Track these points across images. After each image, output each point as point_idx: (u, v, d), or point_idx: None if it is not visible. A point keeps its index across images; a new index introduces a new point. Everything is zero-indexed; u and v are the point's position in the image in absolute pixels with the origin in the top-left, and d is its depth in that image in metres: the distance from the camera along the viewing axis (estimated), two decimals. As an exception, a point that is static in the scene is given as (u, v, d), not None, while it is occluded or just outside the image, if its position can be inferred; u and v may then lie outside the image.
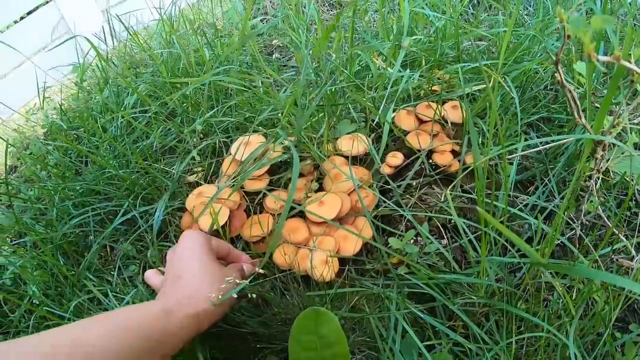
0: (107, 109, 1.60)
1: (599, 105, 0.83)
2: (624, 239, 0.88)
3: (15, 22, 1.91)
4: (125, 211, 1.20)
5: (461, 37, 1.32)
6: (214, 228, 1.01)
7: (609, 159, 0.78)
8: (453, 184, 0.94)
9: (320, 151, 1.04)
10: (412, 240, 0.97)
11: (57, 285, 1.13)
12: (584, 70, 0.85)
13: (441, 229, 0.97)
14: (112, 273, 1.13)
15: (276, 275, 0.98)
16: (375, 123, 1.15)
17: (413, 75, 1.10)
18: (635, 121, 0.76)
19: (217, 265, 0.80)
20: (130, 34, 1.85)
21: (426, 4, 1.32)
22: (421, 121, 1.07)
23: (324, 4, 2.15)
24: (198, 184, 1.26)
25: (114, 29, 2.07)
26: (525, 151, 0.99)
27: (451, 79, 1.18)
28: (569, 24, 0.40)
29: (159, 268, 0.91)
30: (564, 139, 0.75)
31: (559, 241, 0.83)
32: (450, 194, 1.01)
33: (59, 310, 1.04)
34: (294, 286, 0.95)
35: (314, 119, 1.07)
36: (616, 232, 0.86)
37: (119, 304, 1.02)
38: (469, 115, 0.80)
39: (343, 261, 0.95)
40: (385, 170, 1.02)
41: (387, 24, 1.21)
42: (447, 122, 1.05)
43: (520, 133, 1.00)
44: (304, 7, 1.91)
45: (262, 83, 1.09)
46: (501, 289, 0.81)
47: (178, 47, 1.49)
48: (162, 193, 1.23)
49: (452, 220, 0.99)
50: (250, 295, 0.81)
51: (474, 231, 0.92)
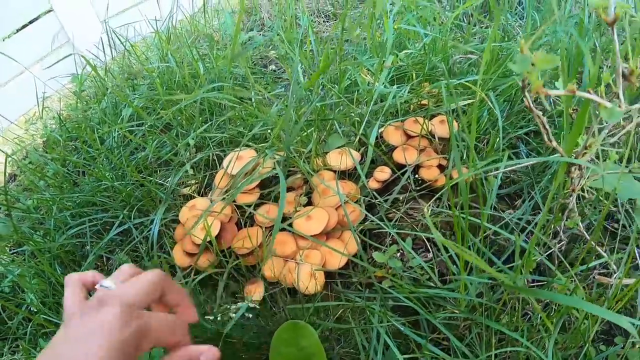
0: (105, 121, 1.63)
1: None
2: (605, 255, 0.90)
3: (17, 31, 1.94)
4: (120, 222, 1.22)
5: (451, 51, 1.34)
6: (207, 239, 1.04)
7: (587, 177, 0.79)
8: (434, 198, 0.96)
9: (309, 166, 1.06)
10: (398, 254, 0.98)
11: (55, 294, 1.15)
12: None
13: (426, 243, 0.99)
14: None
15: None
16: (365, 135, 1.17)
17: (400, 90, 1.12)
18: (611, 141, 0.78)
19: None
20: (126, 48, 1.88)
21: (416, 19, 1.35)
22: (409, 136, 1.09)
23: (319, 16, 2.18)
24: (192, 197, 1.28)
25: (112, 40, 2.10)
26: (510, 167, 1.00)
27: (440, 93, 1.21)
28: (514, 65, 0.42)
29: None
30: (535, 161, 0.77)
31: (538, 259, 0.84)
32: (436, 208, 1.03)
33: (56, 318, 1.05)
34: (282, 298, 0.97)
35: (303, 134, 1.09)
36: (596, 247, 0.87)
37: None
38: (453, 131, 0.82)
39: (330, 274, 0.96)
40: (373, 184, 1.04)
41: (376, 39, 1.23)
42: (435, 137, 1.08)
43: (504, 148, 1.02)
44: (299, 20, 1.94)
45: (253, 99, 1.11)
46: (482, 304, 0.82)
47: (172, 62, 1.52)
48: (157, 205, 1.25)
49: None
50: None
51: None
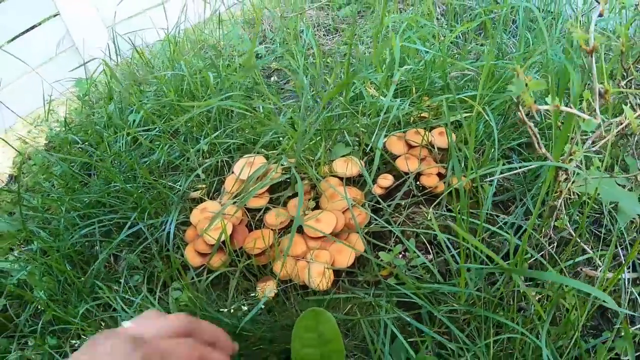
0: (110, 125, 1.68)
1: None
2: (590, 251, 0.99)
3: (22, 33, 1.97)
4: (131, 224, 1.27)
5: (449, 68, 1.43)
6: (222, 239, 1.10)
7: (573, 182, 0.88)
8: (435, 203, 1.04)
9: (317, 172, 1.13)
10: (400, 255, 1.06)
11: (63, 292, 1.18)
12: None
13: (427, 245, 1.07)
14: (120, 281, 1.20)
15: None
16: (369, 147, 1.25)
17: (403, 103, 1.20)
18: (594, 149, 0.88)
19: None
20: (138, 52, 1.94)
21: (417, 37, 1.44)
22: (410, 146, 1.17)
23: (320, 29, 2.27)
24: (201, 200, 1.34)
25: (118, 46, 2.16)
26: (504, 174, 1.09)
27: (439, 106, 1.29)
28: (512, 87, 0.50)
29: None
30: (527, 166, 0.86)
31: (531, 256, 0.92)
32: (435, 212, 1.11)
33: (65, 315, 1.09)
34: (294, 294, 1.03)
35: (311, 142, 1.17)
36: (581, 244, 0.96)
37: (129, 309, 1.08)
38: (452, 142, 0.90)
39: (338, 273, 1.04)
40: (377, 190, 1.12)
41: (380, 55, 1.31)
42: (434, 147, 1.16)
43: (499, 158, 1.10)
44: (302, 32, 2.03)
45: (264, 108, 1.19)
46: (481, 298, 0.90)
47: (184, 69, 1.59)
48: (167, 207, 1.31)
49: (438, 237, 1.09)
50: None
51: (457, 247, 1.02)
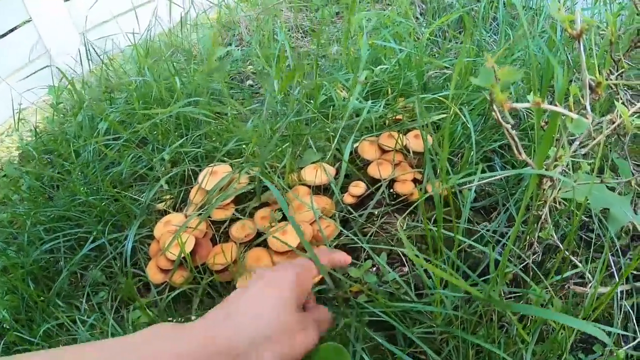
0: (81, 135, 1.60)
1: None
2: (580, 265, 0.91)
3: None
4: (94, 238, 1.19)
5: (426, 67, 1.36)
6: (182, 256, 1.02)
7: (559, 189, 0.81)
8: (408, 211, 0.96)
9: (284, 181, 1.06)
10: (374, 269, 0.98)
11: (28, 310, 1.11)
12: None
13: (402, 257, 0.99)
14: (81, 300, 1.12)
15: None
16: (341, 150, 1.17)
17: (375, 106, 1.13)
18: (583, 152, 0.80)
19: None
20: (103, 62, 1.86)
21: (391, 35, 1.37)
22: (384, 151, 1.10)
23: (297, 31, 2.20)
24: (167, 212, 1.26)
25: (89, 52, 2.08)
26: (483, 180, 1.02)
27: (414, 107, 1.22)
28: (476, 79, 0.43)
29: None
30: (506, 174, 0.78)
31: (513, 271, 0.85)
32: (411, 222, 1.03)
33: (29, 335, 1.02)
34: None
35: (278, 149, 1.09)
36: (570, 257, 0.89)
37: (88, 332, 1.00)
38: (427, 145, 0.82)
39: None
40: (348, 199, 1.04)
41: (351, 56, 1.24)
42: (410, 151, 1.08)
43: (477, 162, 1.03)
44: (276, 35, 1.96)
45: (228, 114, 1.11)
46: (458, 317, 0.82)
47: (149, 75, 1.51)
48: (132, 220, 1.23)
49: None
50: None
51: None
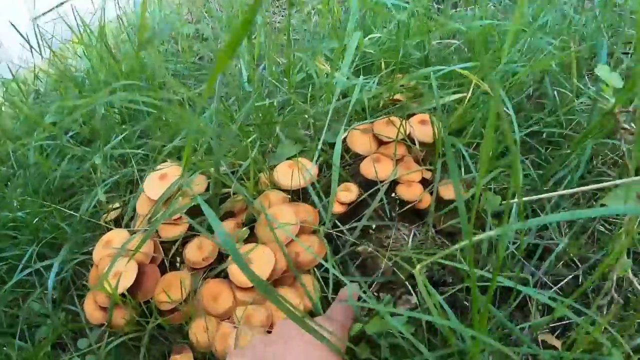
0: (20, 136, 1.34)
1: None
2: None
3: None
4: (25, 264, 0.97)
5: (428, 35, 1.09)
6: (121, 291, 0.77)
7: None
8: (419, 223, 0.70)
9: (250, 185, 0.80)
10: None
11: None
12: (607, 76, 0.63)
13: (409, 286, 0.74)
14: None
15: None
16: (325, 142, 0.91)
17: (369, 82, 0.86)
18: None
19: None
20: (52, 51, 1.58)
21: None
22: (380, 142, 0.84)
23: (275, 5, 1.91)
24: (109, 229, 1.00)
25: (42, 39, 1.80)
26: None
27: (417, 85, 0.96)
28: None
29: None
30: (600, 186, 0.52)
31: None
32: (419, 235, 0.78)
33: None
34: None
35: (243, 143, 0.82)
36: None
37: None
38: (441, 132, 0.56)
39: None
40: (336, 208, 0.78)
41: (336, 16, 0.97)
42: (414, 142, 0.82)
43: (497, 155, 0.77)
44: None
45: (173, 101, 0.84)
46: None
47: (86, 61, 1.23)
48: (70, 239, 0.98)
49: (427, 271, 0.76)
50: None
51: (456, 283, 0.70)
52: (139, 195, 0.96)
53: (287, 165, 0.82)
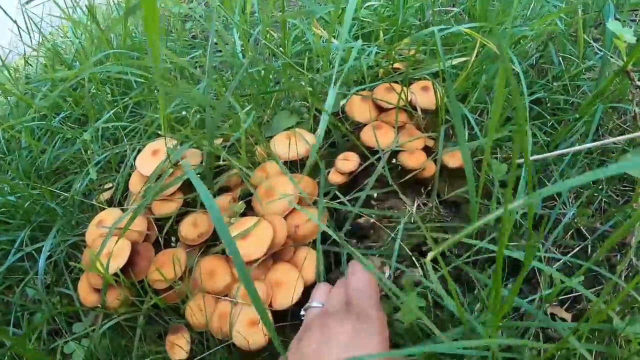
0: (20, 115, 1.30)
1: None
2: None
3: None
4: (18, 248, 0.94)
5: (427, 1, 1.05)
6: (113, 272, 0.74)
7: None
8: (422, 190, 0.67)
9: (244, 157, 0.76)
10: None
11: None
12: (620, 30, 0.59)
13: (412, 256, 0.71)
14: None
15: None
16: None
17: (368, 49, 0.82)
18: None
19: None
20: (42, 34, 1.52)
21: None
22: (381, 109, 0.80)
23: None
24: (102, 208, 0.97)
25: (32, 23, 1.74)
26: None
27: (418, 52, 0.92)
28: None
29: None
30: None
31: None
32: (424, 205, 0.75)
33: None
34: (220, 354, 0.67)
35: (237, 114, 0.79)
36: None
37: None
38: (447, 97, 0.53)
39: (281, 314, 0.67)
40: (335, 178, 0.74)
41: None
42: (416, 109, 0.79)
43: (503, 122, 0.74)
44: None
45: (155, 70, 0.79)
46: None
47: (75, 41, 1.18)
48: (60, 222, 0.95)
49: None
50: None
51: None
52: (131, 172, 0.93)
53: (284, 135, 0.78)
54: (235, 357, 0.70)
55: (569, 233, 0.78)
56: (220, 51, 0.98)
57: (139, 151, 0.91)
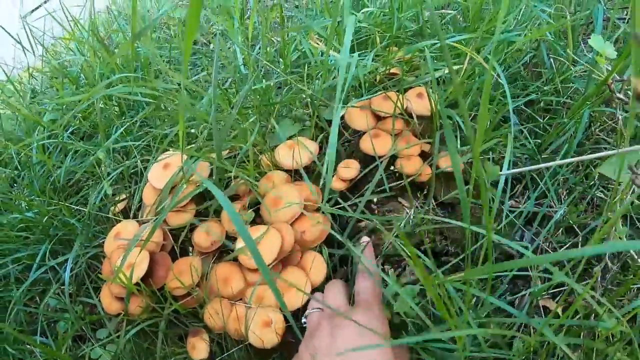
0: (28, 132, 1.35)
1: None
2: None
3: None
4: (40, 263, 0.99)
5: (423, 6, 1.09)
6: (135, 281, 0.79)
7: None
8: (419, 193, 0.71)
9: (250, 167, 0.81)
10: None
11: None
12: (601, 47, 0.63)
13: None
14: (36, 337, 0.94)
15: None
16: (323, 119, 0.91)
17: (364, 58, 0.86)
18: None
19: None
20: (45, 47, 1.57)
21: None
22: (379, 117, 0.84)
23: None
24: (118, 221, 1.02)
25: (33, 37, 1.79)
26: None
27: (413, 58, 0.95)
28: None
29: None
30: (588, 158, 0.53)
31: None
32: (421, 207, 0.79)
33: None
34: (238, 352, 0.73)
35: (242, 126, 0.83)
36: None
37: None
38: (439, 104, 0.57)
39: (292, 314, 0.72)
40: (337, 185, 0.79)
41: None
42: (412, 116, 0.83)
43: (496, 126, 0.78)
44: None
45: (165, 90, 0.84)
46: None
47: (79, 56, 1.23)
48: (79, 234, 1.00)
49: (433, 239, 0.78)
50: None
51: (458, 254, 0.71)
52: (144, 185, 0.98)
53: (288, 145, 0.83)
54: (251, 356, 0.75)
55: (560, 230, 0.82)
56: (223, 65, 1.02)
57: (151, 164, 0.96)
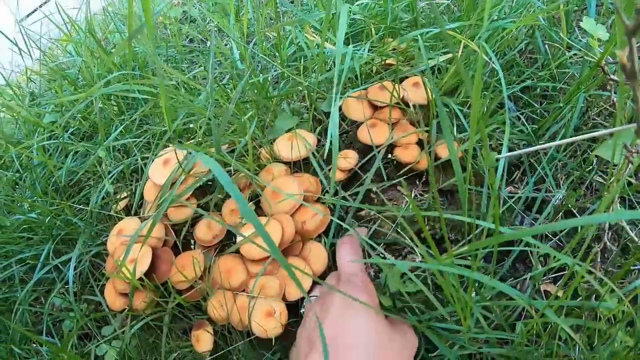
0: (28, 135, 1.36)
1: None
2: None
3: None
4: (44, 262, 1.00)
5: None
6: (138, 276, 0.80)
7: None
8: (417, 181, 0.72)
9: (249, 160, 0.81)
10: (372, 271, 0.75)
11: None
12: (593, 29, 0.64)
13: (414, 243, 0.76)
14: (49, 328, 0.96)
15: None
16: (321, 111, 0.92)
17: (360, 49, 0.87)
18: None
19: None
20: (42, 50, 1.57)
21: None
22: (375, 107, 0.85)
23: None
24: (120, 218, 1.03)
25: (30, 40, 1.79)
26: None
27: (408, 48, 0.96)
28: None
29: None
30: (581, 138, 0.54)
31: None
32: (421, 195, 0.80)
33: None
34: (240, 347, 0.74)
35: (240, 120, 0.84)
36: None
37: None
38: (435, 92, 0.58)
39: (294, 304, 0.73)
40: (337, 175, 0.80)
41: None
42: (409, 105, 0.83)
43: (492, 112, 0.78)
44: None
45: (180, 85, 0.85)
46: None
47: (77, 57, 1.23)
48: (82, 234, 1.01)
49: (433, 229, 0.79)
50: None
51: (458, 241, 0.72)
52: (145, 182, 0.98)
53: (287, 137, 0.83)
54: (255, 347, 0.76)
55: (560, 214, 0.83)
56: (220, 62, 1.02)
57: (150, 161, 0.97)
